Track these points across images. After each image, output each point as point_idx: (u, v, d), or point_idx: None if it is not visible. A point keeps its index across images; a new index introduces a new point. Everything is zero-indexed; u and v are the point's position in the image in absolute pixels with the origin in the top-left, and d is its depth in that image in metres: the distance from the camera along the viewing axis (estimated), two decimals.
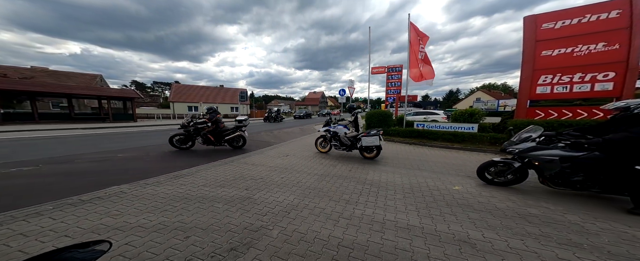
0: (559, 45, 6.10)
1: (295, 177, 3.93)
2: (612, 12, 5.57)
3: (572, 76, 5.91)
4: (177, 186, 3.43)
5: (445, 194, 3.10)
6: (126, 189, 3.22)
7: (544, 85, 6.26)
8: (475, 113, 7.66)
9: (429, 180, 3.68)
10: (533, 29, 6.34)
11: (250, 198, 3.02)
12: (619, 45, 5.50)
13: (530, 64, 6.35)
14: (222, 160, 5.10)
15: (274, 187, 3.46)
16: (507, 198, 2.91)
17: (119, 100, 20.64)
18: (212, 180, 3.77)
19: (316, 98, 73.57)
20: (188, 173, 4.05)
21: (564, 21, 6.05)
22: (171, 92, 31.58)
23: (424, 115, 12.98)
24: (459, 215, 2.52)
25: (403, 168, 4.41)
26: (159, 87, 70.58)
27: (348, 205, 2.81)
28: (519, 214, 2.52)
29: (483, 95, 45.34)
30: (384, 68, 11.04)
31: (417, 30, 7.61)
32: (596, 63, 5.68)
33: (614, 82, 5.53)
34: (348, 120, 5.81)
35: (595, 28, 5.72)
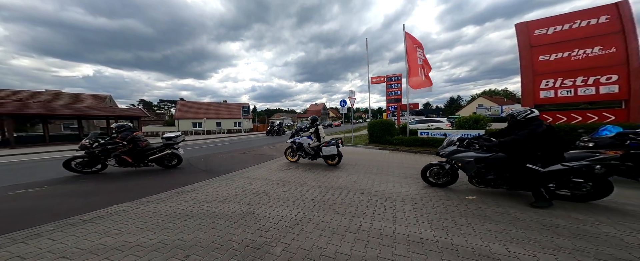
0: (554, 50, 6.18)
1: (299, 189, 3.81)
2: (601, 18, 5.71)
3: (574, 80, 5.88)
4: (179, 203, 3.35)
5: (458, 204, 2.92)
6: (128, 207, 3.15)
7: (547, 90, 6.22)
8: (481, 120, 7.55)
9: (438, 190, 3.50)
10: (526, 35, 6.50)
11: (252, 214, 2.91)
12: (615, 49, 5.53)
13: (529, 69, 6.39)
14: (224, 175, 5.04)
15: (276, 200, 3.34)
16: (528, 208, 2.71)
17: (126, 119, 21.31)
18: (214, 195, 3.68)
19: (317, 110, 74.51)
20: (190, 190, 3.98)
21: (555, 27, 6.20)
22: (176, 109, 32.56)
23: (428, 123, 12.85)
24: (477, 226, 2.34)
25: (410, 178, 4.24)
26: (165, 104, 73.10)
27: (355, 218, 2.66)
28: (544, 225, 2.31)
29: (485, 101, 45.11)
30: (383, 77, 11.24)
31: (412, 39, 7.86)
32: (596, 66, 5.68)
33: (619, 85, 5.46)
34: (310, 132, 6.03)
35: (587, 33, 5.83)
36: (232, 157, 8.41)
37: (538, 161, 2.70)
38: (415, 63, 7.78)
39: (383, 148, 8.62)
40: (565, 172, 2.63)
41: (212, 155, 8.83)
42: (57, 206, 3.37)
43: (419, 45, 7.88)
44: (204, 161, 7.44)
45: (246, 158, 7.84)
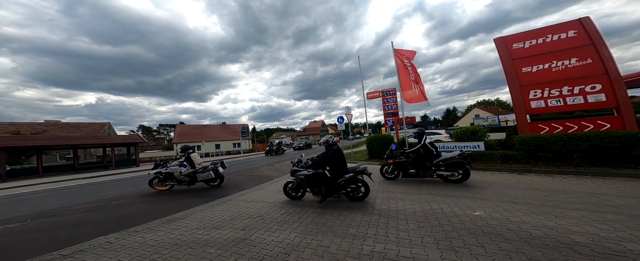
0: (535, 62, 6.46)
1: (296, 211, 3.60)
2: (570, 32, 6.14)
3: (560, 90, 6.06)
4: (168, 231, 3.13)
5: (465, 221, 2.72)
6: (113, 239, 2.94)
7: (536, 100, 6.34)
8: (478, 131, 7.54)
9: (444, 206, 3.31)
10: (505, 49, 6.88)
11: (246, 240, 2.69)
12: (591, 60, 5.83)
13: (515, 81, 6.62)
14: (219, 200, 4.81)
15: (273, 224, 3.13)
16: (542, 225, 2.51)
17: (123, 146, 21.16)
18: (207, 221, 3.46)
19: (316, 127, 74.89)
20: (182, 216, 3.76)
21: (530, 41, 6.59)
22: (175, 134, 32.75)
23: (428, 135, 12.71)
24: (488, 246, 2.14)
25: (412, 194, 4.04)
26: (164, 129, 73.72)
27: (355, 240, 2.45)
28: (562, 243, 2.11)
29: (480, 111, 45.68)
30: (378, 92, 11.53)
31: (401, 54, 8.29)
32: (578, 76, 5.91)
33: (605, 93, 5.61)
34: (180, 161, 6.39)
35: (561, 46, 6.19)
36: (229, 179, 8.14)
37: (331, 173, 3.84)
38: (408, 78, 8.10)
39: (383, 164, 8.41)
40: (350, 180, 3.83)
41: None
42: (37, 241, 3.14)
43: (409, 59, 8.26)
44: (198, 185, 7.20)
45: (244, 181, 7.61)
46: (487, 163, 6.30)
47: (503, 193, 3.74)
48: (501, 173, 5.48)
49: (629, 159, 4.66)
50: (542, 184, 4.21)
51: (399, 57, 8.35)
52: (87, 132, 24.26)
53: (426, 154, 4.86)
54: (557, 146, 5.40)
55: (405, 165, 5.21)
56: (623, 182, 4.05)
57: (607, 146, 4.86)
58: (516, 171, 5.44)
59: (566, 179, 4.47)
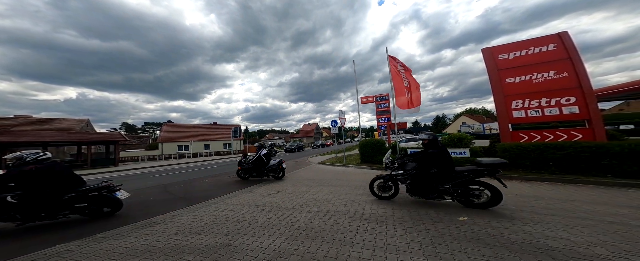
0: (518, 73, 6.83)
1: (285, 215, 3.52)
2: (550, 46, 6.55)
3: (539, 101, 6.46)
4: (142, 237, 2.93)
5: (450, 226, 2.78)
6: (75, 247, 2.69)
7: (518, 110, 6.71)
8: (464, 138, 7.84)
9: (430, 211, 3.36)
10: (492, 59, 7.22)
11: (229, 246, 2.58)
12: (567, 73, 6.27)
13: (499, 91, 6.97)
14: (204, 203, 4.61)
15: (259, 229, 3.03)
16: (520, 230, 2.62)
17: (101, 144, 19.82)
18: (188, 226, 3.29)
19: (310, 130, 74.65)
20: (160, 221, 3.55)
21: (514, 52, 6.97)
22: (161, 132, 31.26)
23: (417, 141, 13.12)
24: (470, 251, 2.19)
25: (402, 199, 4.08)
26: (150, 127, 70.33)
27: (343, 246, 2.42)
28: (538, 248, 2.20)
29: (467, 119, 47.93)
30: (372, 97, 11.74)
31: (396, 61, 8.47)
32: (555, 89, 6.33)
33: (578, 106, 6.05)
34: None
35: (542, 59, 6.61)
36: (216, 181, 7.87)
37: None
38: (401, 84, 8.28)
39: (375, 168, 8.50)
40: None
41: (194, 180, 8.24)
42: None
43: (404, 67, 8.46)
44: (183, 187, 6.88)
45: (231, 183, 7.37)
46: None
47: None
48: (487, 179, 5.70)
49: (598, 168, 5.01)
50: (520, 190, 4.42)
51: (393, 63, 8.54)
52: (62, 128, 22.55)
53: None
54: (535, 154, 5.71)
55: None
56: (593, 189, 4.34)
57: (579, 155, 5.21)
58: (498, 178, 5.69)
59: (542, 186, 4.72)
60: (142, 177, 10.37)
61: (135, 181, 8.84)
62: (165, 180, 8.61)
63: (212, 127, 37.96)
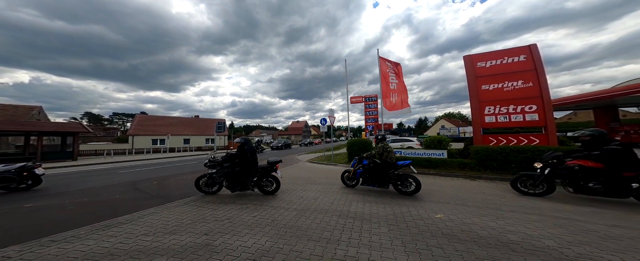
0: (492, 81, 7.45)
1: (270, 214, 3.45)
2: (521, 56, 7.23)
3: (507, 108, 7.15)
4: (102, 239, 2.66)
5: (429, 223, 2.97)
6: (13, 253, 2.34)
7: (490, 115, 7.36)
8: (443, 140, 8.40)
9: (412, 209, 3.56)
10: (471, 66, 7.76)
11: (208, 246, 2.45)
12: (532, 83, 7.01)
13: (476, 97, 7.56)
14: (181, 200, 4.33)
15: (242, 228, 2.93)
16: (487, 225, 2.88)
17: (56, 135, 17.36)
18: (160, 226, 3.06)
19: (299, 127, 73.81)
20: (126, 221, 3.26)
21: (491, 61, 7.57)
22: (132, 124, 28.49)
23: (401, 142, 13.77)
24: (446, 247, 2.36)
25: (386, 198, 4.26)
26: (119, 118, 63.77)
27: (329, 244, 2.45)
28: (501, 242, 2.45)
29: (446, 122, 51.69)
30: (361, 98, 11.98)
31: (386, 62, 8.69)
32: (521, 97, 7.05)
33: (538, 114, 6.82)
34: None
35: (513, 68, 7.28)
36: (196, 178, 7.42)
37: None
38: (389, 87, 8.54)
39: None
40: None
41: (169, 177, 7.68)
42: None
43: (395, 66, 8.69)
44: (156, 184, 6.38)
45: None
46: (449, 169, 7.04)
47: (459, 197, 4.21)
48: (459, 178, 6.18)
49: None
50: (487, 189, 4.88)
51: (383, 64, 8.75)
52: (7, 115, 19.33)
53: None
54: (501, 156, 6.34)
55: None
56: None
57: (535, 158, 5.88)
58: (470, 177, 6.21)
59: (504, 185, 5.27)
60: (107, 172, 9.37)
61: (98, 177, 7.96)
62: (134, 177, 7.89)
63: (193, 120, 35.57)
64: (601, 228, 2.76)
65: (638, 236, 2.56)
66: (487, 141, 7.29)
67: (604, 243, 2.41)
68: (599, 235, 2.59)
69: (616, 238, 2.50)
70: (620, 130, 18.10)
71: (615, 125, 18.84)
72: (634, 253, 2.19)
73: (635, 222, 2.96)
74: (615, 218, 3.11)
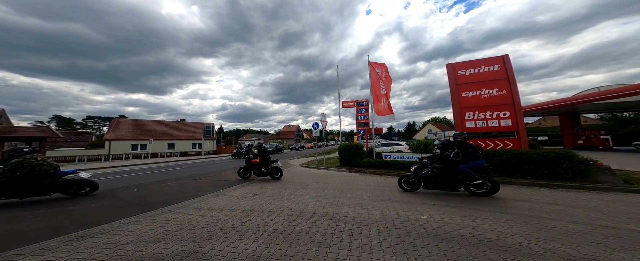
0: (471, 88, 8.01)
1: (262, 219, 3.42)
2: (495, 66, 7.85)
3: (485, 114, 7.72)
4: (77, 250, 2.50)
5: (415, 225, 3.12)
6: None
7: (470, 121, 7.88)
8: (429, 144, 8.82)
9: (400, 211, 3.70)
10: (453, 74, 8.29)
11: (196, 253, 2.40)
12: (505, 91, 7.65)
13: (457, 103, 8.08)
14: (165, 208, 4.15)
15: (233, 234, 2.88)
16: (467, 225, 3.07)
17: (19, 140, 15.71)
18: (142, 234, 2.93)
19: (291, 131, 73.10)
20: (104, 231, 3.07)
21: (470, 70, 8.14)
22: (110, 128, 26.62)
23: (390, 146, 14.23)
24: (431, 247, 2.49)
25: (376, 200, 4.39)
26: (94, 122, 59.23)
27: (321, 248, 2.49)
28: (479, 240, 2.62)
29: (432, 127, 54.25)
30: (353, 102, 12.24)
31: (375, 69, 9.01)
32: (496, 104, 7.65)
33: (511, 119, 7.43)
34: None
35: (489, 77, 7.88)
36: (181, 184, 7.12)
37: None
38: (379, 92, 8.85)
39: (353, 171, 8.87)
40: None
41: (152, 184, 7.31)
42: None
43: (383, 70, 9.03)
44: (137, 192, 6.04)
45: (201, 186, 6.78)
46: None
47: (443, 199, 4.44)
48: None
49: (522, 171, 6.24)
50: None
51: (373, 69, 9.08)
52: None
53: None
54: None
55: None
56: (518, 188, 5.38)
57: (509, 161, 6.40)
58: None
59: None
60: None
61: None
62: (112, 184, 7.41)
63: (179, 124, 33.99)
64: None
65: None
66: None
67: None
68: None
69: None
70: (582, 135, 20.16)
71: (577, 130, 20.90)
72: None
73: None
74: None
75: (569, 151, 6.13)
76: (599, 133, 19.69)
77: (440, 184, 4.75)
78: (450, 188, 4.72)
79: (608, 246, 2.41)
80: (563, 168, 5.79)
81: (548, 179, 5.83)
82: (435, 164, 4.79)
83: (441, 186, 4.76)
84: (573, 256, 2.23)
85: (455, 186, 4.66)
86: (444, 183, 4.71)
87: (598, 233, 2.75)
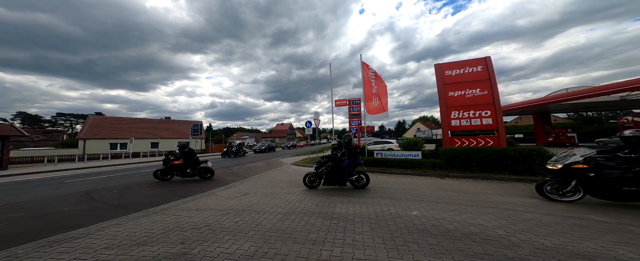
0: (457, 88, 8.35)
1: (254, 218, 3.36)
2: (478, 67, 8.24)
3: (468, 113, 8.12)
4: (50, 257, 2.34)
5: (406, 221, 3.22)
6: None
7: (455, 119, 8.25)
8: (418, 142, 9.12)
9: (391, 208, 3.81)
10: (441, 74, 8.58)
11: (186, 255, 2.32)
12: (487, 91, 8.08)
13: (444, 102, 8.40)
14: (150, 210, 3.95)
15: (224, 234, 2.81)
16: (453, 219, 3.24)
17: None
18: (125, 237, 2.78)
19: (284, 129, 72.10)
20: (80, 235, 2.88)
21: (456, 70, 8.48)
22: (84, 126, 24.61)
23: (382, 144, 14.60)
24: (420, 241, 2.59)
25: (368, 198, 4.48)
26: (65, 120, 54.44)
27: (315, 246, 2.51)
28: (464, 234, 2.77)
29: (421, 125, 56.39)
30: (345, 101, 12.32)
31: (368, 68, 9.10)
32: (479, 103, 8.07)
33: (492, 118, 7.89)
34: None
35: (473, 77, 8.26)
36: (166, 184, 6.80)
37: None
38: (371, 91, 8.95)
39: None
40: None
41: (134, 185, 6.93)
42: None
43: (375, 74, 9.15)
44: (117, 193, 5.70)
45: (189, 185, 6.51)
46: (423, 169, 7.65)
47: (431, 195, 4.63)
48: (431, 177, 6.79)
49: (501, 167, 6.67)
50: (453, 186, 5.46)
51: (366, 70, 9.16)
52: None
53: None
54: (464, 156, 7.16)
55: None
56: (499, 183, 5.75)
57: (490, 157, 6.81)
58: (440, 176, 6.87)
59: (467, 182, 5.97)
60: (50, 182, 8.02)
61: (40, 188, 6.79)
62: (88, 186, 6.92)
63: (163, 122, 32.17)
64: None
65: None
66: (454, 143, 8.16)
67: None
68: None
69: None
70: (552, 133, 22.04)
71: (548, 128, 22.79)
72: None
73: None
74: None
75: (541, 148, 6.63)
76: (566, 131, 21.69)
77: (332, 180, 5.11)
78: (340, 183, 5.14)
79: (574, 236, 2.65)
80: (536, 163, 6.27)
81: (524, 174, 6.29)
82: (329, 163, 5.15)
83: (334, 182, 5.13)
84: (546, 246, 2.43)
85: (343, 181, 5.11)
86: (335, 180, 5.10)
87: (565, 224, 3.01)
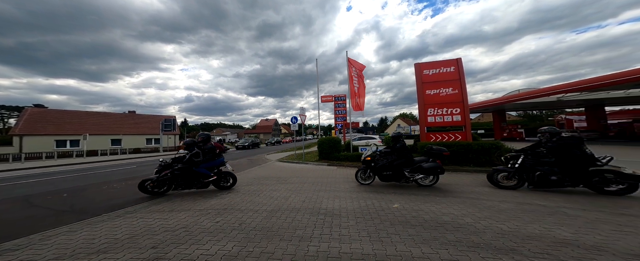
0: (433, 87, 8.95)
1: (237, 217, 3.21)
2: (451, 68, 8.89)
3: (442, 110, 8.78)
4: None
5: (388, 213, 3.38)
6: None
7: (431, 116, 8.87)
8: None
9: (375, 201, 3.96)
10: (420, 73, 9.07)
11: (159, 260, 2.10)
12: (457, 90, 8.79)
13: (422, 100, 8.93)
14: (112, 213, 3.52)
15: (203, 235, 2.63)
16: (430, 210, 3.49)
17: None
18: (80, 245, 2.44)
19: (269, 125, 69.59)
20: (17, 246, 2.46)
21: (433, 70, 9.05)
22: (20, 120, 20.52)
23: (366, 140, 15.06)
24: (402, 233, 2.74)
25: (354, 192, 4.59)
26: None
27: (301, 242, 2.49)
28: (439, 223, 3.01)
29: (401, 122, 59.82)
30: (331, 97, 12.27)
31: (353, 64, 9.12)
32: (451, 102, 8.76)
33: (461, 115, 8.65)
34: None
35: (446, 77, 8.89)
36: (131, 185, 6.07)
37: None
38: (354, 89, 9.02)
39: (332, 165, 9.08)
40: None
41: (89, 187, 6.09)
42: None
43: (360, 70, 9.21)
44: (67, 197, 4.94)
45: None
46: None
47: (410, 188, 4.94)
48: None
49: (467, 160, 7.41)
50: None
51: (351, 66, 9.15)
52: None
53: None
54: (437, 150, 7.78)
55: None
56: (465, 175, 6.40)
57: (459, 151, 7.51)
58: None
59: (441, 175, 6.48)
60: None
61: None
62: (27, 190, 5.88)
63: (126, 117, 28.50)
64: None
65: None
66: (430, 138, 8.78)
67: None
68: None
69: None
70: (506, 129, 25.47)
71: (504, 125, 26.23)
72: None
73: None
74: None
75: (498, 142, 7.54)
76: (517, 127, 25.34)
77: (182, 184, 4.69)
78: (198, 186, 4.76)
79: (524, 220, 3.08)
80: (495, 156, 7.12)
81: (485, 166, 7.09)
82: (178, 165, 4.68)
83: (186, 186, 4.72)
84: (504, 231, 2.77)
85: (196, 185, 4.71)
86: (186, 183, 4.69)
87: (518, 210, 3.47)
